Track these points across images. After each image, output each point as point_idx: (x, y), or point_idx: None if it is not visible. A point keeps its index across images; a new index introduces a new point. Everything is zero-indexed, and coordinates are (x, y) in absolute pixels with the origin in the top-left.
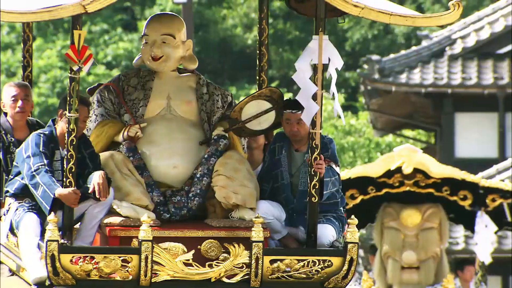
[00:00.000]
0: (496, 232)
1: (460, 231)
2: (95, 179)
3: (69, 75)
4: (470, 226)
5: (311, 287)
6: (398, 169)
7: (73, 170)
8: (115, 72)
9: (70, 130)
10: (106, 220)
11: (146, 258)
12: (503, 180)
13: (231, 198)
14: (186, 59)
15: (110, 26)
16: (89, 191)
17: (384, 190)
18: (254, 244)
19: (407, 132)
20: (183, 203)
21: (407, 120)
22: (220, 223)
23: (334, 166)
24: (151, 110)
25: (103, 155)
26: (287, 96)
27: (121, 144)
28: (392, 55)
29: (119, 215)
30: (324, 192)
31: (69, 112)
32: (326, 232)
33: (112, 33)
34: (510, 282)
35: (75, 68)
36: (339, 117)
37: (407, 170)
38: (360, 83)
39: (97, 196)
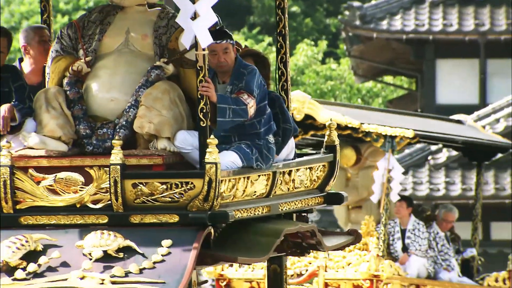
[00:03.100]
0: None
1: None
2: None
3: None
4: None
5: (176, 212)
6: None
7: None
8: None
9: None
10: (16, 153)
11: (5, 183)
12: (484, 127)
13: (145, 127)
14: None
15: None
16: None
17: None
18: (112, 167)
19: (388, 79)
20: (108, 135)
21: (388, 66)
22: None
23: (246, 96)
24: (107, 45)
25: (40, 91)
26: (268, 41)
27: None
28: (373, 1)
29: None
30: (220, 119)
31: None
32: (224, 159)
33: None
34: (490, 228)
35: None
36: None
37: (297, 116)
38: (341, 30)
39: None
